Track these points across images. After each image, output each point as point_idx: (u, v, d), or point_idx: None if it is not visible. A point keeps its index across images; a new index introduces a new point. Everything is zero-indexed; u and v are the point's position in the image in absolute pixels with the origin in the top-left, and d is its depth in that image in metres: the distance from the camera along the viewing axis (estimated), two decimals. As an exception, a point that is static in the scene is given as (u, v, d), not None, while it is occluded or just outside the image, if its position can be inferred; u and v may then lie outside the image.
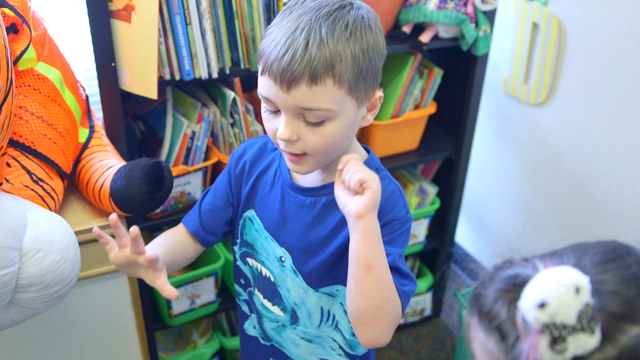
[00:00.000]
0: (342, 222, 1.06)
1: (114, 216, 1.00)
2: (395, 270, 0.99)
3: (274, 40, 0.93)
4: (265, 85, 0.95)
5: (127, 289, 1.51)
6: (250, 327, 1.28)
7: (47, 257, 1.09)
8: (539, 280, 0.56)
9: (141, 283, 1.59)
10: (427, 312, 2.40)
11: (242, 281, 1.24)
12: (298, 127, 0.96)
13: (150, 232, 1.94)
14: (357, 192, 0.92)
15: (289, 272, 1.13)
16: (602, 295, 0.57)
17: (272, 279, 1.16)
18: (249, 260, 1.19)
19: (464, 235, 2.65)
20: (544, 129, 2.08)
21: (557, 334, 0.55)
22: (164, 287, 1.05)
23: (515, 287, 0.60)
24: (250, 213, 1.17)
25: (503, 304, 0.61)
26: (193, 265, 1.93)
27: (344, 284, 1.06)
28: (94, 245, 1.40)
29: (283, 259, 1.13)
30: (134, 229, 0.98)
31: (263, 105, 0.99)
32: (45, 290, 1.11)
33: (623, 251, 0.62)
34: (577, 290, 0.55)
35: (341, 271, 1.07)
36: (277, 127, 0.97)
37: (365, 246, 0.92)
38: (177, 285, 1.73)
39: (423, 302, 2.35)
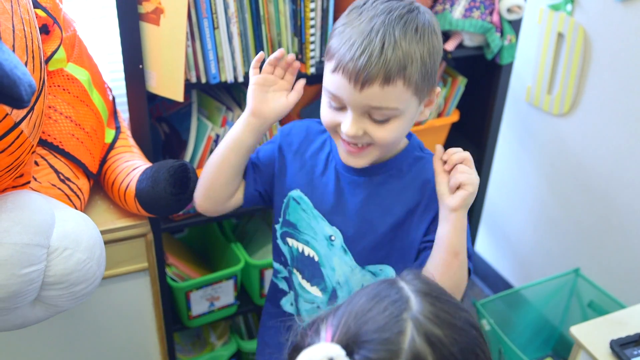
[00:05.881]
0: (395, 202, 1.11)
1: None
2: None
3: (349, 40, 0.96)
4: (336, 83, 0.99)
5: (149, 289, 1.52)
6: (288, 304, 1.30)
7: (74, 256, 1.10)
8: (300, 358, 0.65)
9: (162, 284, 1.61)
10: (445, 320, 2.38)
11: (282, 259, 1.27)
12: (364, 124, 1.01)
13: (171, 234, 1.96)
14: (456, 188, 1.01)
15: (337, 250, 1.15)
16: (365, 345, 0.66)
17: (317, 258, 1.18)
18: (289, 240, 1.22)
19: (484, 244, 2.64)
20: (567, 140, 2.07)
21: None
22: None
23: None
24: (296, 193, 1.19)
25: None
26: (213, 268, 1.94)
27: (390, 264, 1.13)
28: (118, 244, 1.41)
29: (333, 237, 1.16)
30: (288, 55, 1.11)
31: (327, 99, 1.04)
32: (70, 289, 1.12)
33: (383, 293, 0.71)
34: None
35: (390, 252, 1.12)
36: (338, 120, 1.03)
37: (455, 236, 1.01)
38: (196, 287, 1.74)
39: (441, 310, 2.34)
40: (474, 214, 2.11)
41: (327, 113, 1.05)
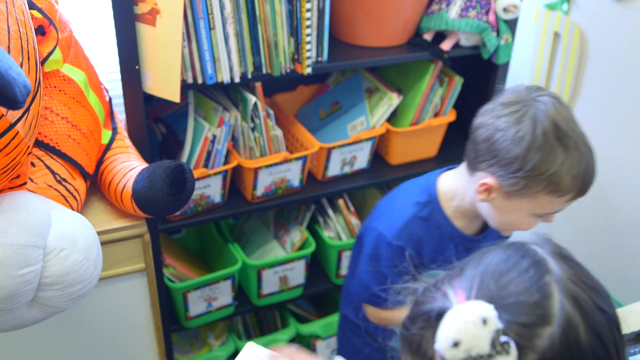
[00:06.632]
0: None
1: None
2: None
3: (577, 174, 1.13)
4: (562, 205, 1.17)
5: (146, 290, 1.52)
6: None
7: (70, 256, 1.10)
8: (448, 321, 0.60)
9: (160, 284, 1.61)
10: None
11: None
12: None
13: (168, 234, 1.96)
14: None
15: None
16: (509, 309, 0.61)
17: None
18: None
19: (481, 244, 2.64)
20: (564, 139, 2.07)
21: None
22: None
23: (434, 321, 0.64)
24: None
25: (428, 339, 0.64)
26: (210, 268, 1.94)
27: None
28: (114, 245, 1.41)
29: None
30: None
31: (535, 218, 1.19)
32: (67, 289, 1.13)
33: (519, 256, 0.66)
34: (484, 321, 0.59)
35: None
36: (534, 225, 1.21)
37: None
38: (194, 287, 1.74)
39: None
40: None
41: (533, 223, 1.21)
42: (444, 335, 0.59)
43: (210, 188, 1.65)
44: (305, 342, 2.10)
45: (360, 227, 1.58)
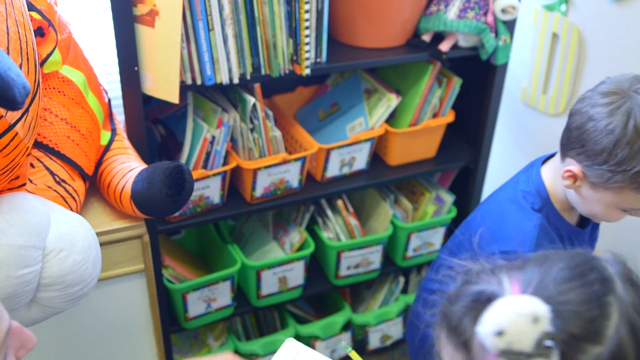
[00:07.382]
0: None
1: None
2: None
3: None
4: None
5: (145, 291, 1.52)
6: None
7: (69, 257, 1.11)
8: (498, 307, 0.58)
9: (159, 285, 1.61)
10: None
11: None
12: None
13: (167, 235, 1.96)
14: None
15: None
16: (563, 316, 0.59)
17: None
18: None
19: (480, 245, 2.64)
20: (563, 140, 2.08)
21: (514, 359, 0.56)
22: None
23: (480, 304, 0.62)
24: None
25: (469, 320, 0.62)
26: (210, 269, 1.94)
27: None
28: (114, 246, 1.42)
29: None
30: None
31: (619, 211, 1.17)
32: (66, 290, 1.13)
33: (587, 267, 0.64)
34: (536, 319, 0.56)
35: None
36: (621, 217, 1.19)
37: None
38: (193, 288, 1.74)
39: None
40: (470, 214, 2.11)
41: (619, 216, 1.19)
42: (490, 321, 0.57)
43: (209, 189, 1.65)
44: (305, 342, 2.10)
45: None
